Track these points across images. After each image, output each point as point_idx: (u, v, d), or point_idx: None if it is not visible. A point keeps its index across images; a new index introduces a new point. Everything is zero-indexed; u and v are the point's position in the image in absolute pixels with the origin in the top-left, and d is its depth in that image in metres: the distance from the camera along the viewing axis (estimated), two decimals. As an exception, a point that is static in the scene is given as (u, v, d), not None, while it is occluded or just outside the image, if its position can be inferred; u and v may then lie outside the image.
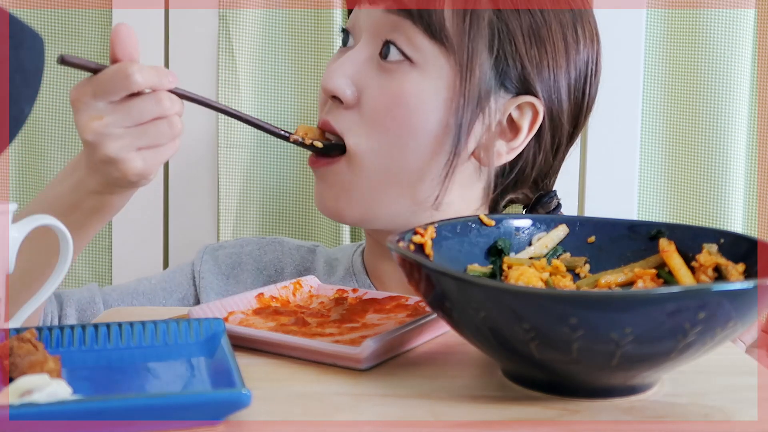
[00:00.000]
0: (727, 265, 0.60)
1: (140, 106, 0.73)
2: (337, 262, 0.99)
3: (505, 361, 0.56)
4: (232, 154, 1.14)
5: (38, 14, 1.14)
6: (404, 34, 0.83)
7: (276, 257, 1.01)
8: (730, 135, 1.09)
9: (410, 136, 0.84)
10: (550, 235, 0.68)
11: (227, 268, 0.99)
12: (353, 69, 0.85)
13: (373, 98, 0.84)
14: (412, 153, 0.84)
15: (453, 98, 0.83)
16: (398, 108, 0.83)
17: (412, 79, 0.83)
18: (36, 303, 0.66)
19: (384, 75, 0.84)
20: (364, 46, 0.86)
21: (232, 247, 1.02)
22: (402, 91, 0.83)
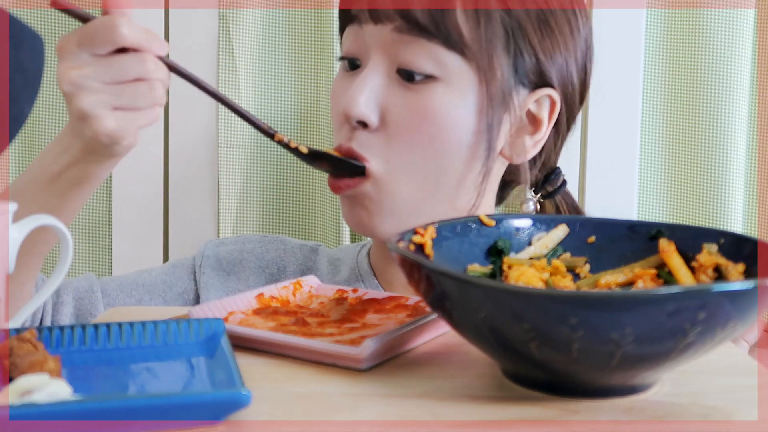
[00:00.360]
0: (727, 265, 0.60)
1: (122, 63, 0.71)
2: (341, 263, 0.99)
3: (505, 361, 0.56)
4: (232, 154, 1.14)
5: (38, 14, 1.14)
6: (422, 51, 0.81)
7: (278, 255, 1.00)
8: (730, 135, 1.09)
9: (444, 149, 0.83)
10: (550, 236, 0.68)
11: (228, 264, 0.99)
12: (375, 92, 0.83)
13: (400, 118, 0.82)
14: (448, 165, 0.84)
15: (480, 104, 0.83)
16: (429, 124, 0.82)
17: (438, 93, 0.82)
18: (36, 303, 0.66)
19: (408, 93, 0.83)
20: (377, 66, 0.83)
21: (233, 243, 1.01)
22: (430, 107, 0.82)
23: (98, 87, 0.71)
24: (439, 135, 0.83)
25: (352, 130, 0.84)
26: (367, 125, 0.83)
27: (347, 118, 0.83)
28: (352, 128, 0.84)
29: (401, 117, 0.82)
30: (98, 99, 0.71)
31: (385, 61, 0.83)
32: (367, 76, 0.83)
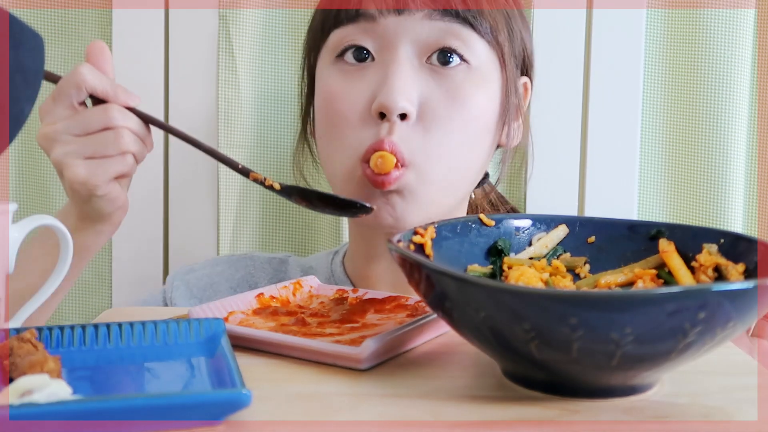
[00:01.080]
0: (727, 265, 0.60)
1: (88, 114, 0.76)
2: (313, 271, 0.99)
3: (505, 361, 0.56)
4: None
5: (38, 14, 1.14)
6: (460, 38, 0.83)
7: (248, 273, 1.01)
8: (730, 135, 1.09)
9: (476, 136, 0.85)
10: (550, 236, 0.68)
11: (199, 290, 0.99)
12: (411, 82, 0.82)
13: (437, 107, 0.82)
14: (477, 151, 0.86)
15: (501, 91, 0.86)
16: (465, 112, 0.83)
17: (472, 80, 0.84)
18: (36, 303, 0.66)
19: (443, 81, 0.83)
20: (407, 56, 0.83)
21: (202, 268, 1.02)
22: (466, 94, 0.83)
23: (68, 139, 0.76)
24: (471, 122, 0.84)
25: (390, 125, 0.81)
26: (407, 117, 0.81)
27: (388, 112, 0.81)
28: (388, 123, 0.81)
29: (437, 105, 0.83)
30: (68, 150, 0.76)
31: (414, 51, 0.83)
32: (400, 66, 0.82)
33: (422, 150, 0.82)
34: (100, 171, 0.76)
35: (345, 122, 0.84)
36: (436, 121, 0.82)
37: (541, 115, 1.11)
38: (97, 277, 1.18)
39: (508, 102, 0.87)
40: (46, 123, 0.77)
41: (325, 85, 0.87)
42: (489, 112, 0.85)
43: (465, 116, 0.83)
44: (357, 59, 0.85)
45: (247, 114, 1.14)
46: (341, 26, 0.85)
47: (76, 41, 1.15)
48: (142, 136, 0.78)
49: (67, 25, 1.15)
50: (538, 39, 1.10)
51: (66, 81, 0.76)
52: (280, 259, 1.03)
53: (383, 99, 0.80)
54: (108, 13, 1.14)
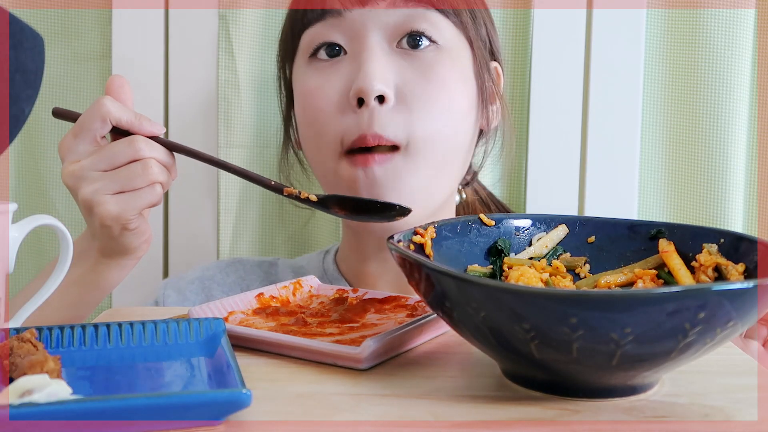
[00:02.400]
0: (727, 265, 0.60)
1: (113, 148, 0.74)
2: (304, 270, 0.99)
3: (505, 361, 0.56)
4: (232, 154, 1.14)
5: (38, 14, 1.14)
6: (427, 20, 0.84)
7: (239, 276, 1.01)
8: (730, 135, 1.09)
9: (458, 116, 0.86)
10: (550, 235, 0.68)
11: (193, 294, 0.99)
12: (385, 67, 0.83)
13: (414, 89, 0.83)
14: (461, 131, 0.87)
15: (474, 72, 0.88)
16: (443, 90, 0.84)
17: (443, 60, 0.85)
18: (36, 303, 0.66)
19: (417, 64, 0.84)
20: (377, 43, 0.84)
21: (192, 273, 1.02)
22: (440, 73, 0.84)
23: (96, 176, 0.74)
24: (450, 102, 0.85)
25: (368, 112, 0.82)
26: (385, 100, 0.82)
27: (365, 95, 0.81)
28: (366, 110, 0.82)
29: (414, 87, 0.83)
30: (97, 187, 0.73)
31: (382, 38, 0.85)
32: (372, 52, 0.83)
33: (410, 132, 0.83)
34: (130, 205, 0.74)
35: (323, 116, 0.85)
36: (416, 101, 0.83)
37: (541, 114, 1.11)
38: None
39: (483, 82, 0.88)
40: (70, 161, 0.75)
41: (302, 86, 0.88)
42: (465, 92, 0.87)
43: (444, 94, 0.84)
44: (329, 55, 0.86)
45: (247, 114, 1.14)
46: (310, 26, 0.87)
47: (76, 41, 1.15)
48: (168, 165, 0.77)
49: (67, 25, 1.15)
50: (538, 39, 1.10)
51: (89, 115, 0.74)
52: (270, 262, 1.03)
53: (359, 83, 0.81)
54: (108, 13, 1.14)
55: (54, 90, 1.16)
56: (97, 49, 1.15)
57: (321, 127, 0.86)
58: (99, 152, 0.74)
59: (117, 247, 0.78)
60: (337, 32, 0.85)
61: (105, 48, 1.15)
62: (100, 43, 1.15)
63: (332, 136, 0.85)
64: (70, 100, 1.16)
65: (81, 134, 0.75)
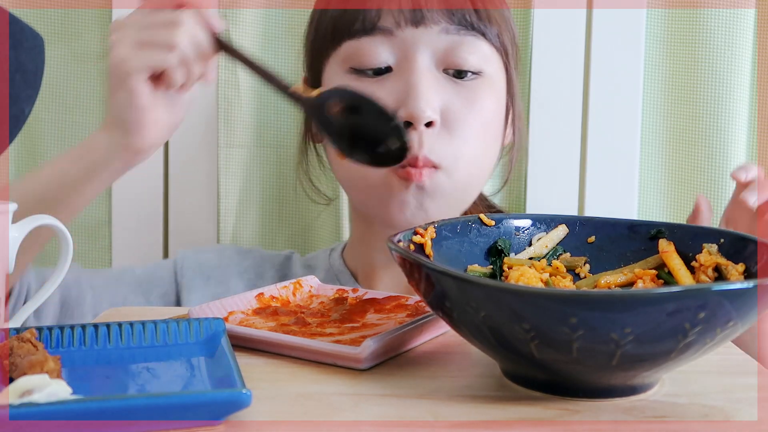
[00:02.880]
0: (727, 265, 0.60)
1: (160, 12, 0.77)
2: (314, 267, 1.00)
3: (505, 361, 0.56)
4: (232, 154, 1.14)
5: (38, 14, 1.14)
6: (471, 50, 0.86)
7: (256, 262, 1.02)
8: (730, 135, 1.09)
9: (491, 141, 0.89)
10: (550, 236, 0.68)
11: (209, 269, 1.00)
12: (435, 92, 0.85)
13: (457, 115, 0.86)
14: (491, 156, 0.90)
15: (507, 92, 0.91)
16: (481, 118, 0.87)
17: (484, 88, 0.87)
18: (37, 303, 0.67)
19: (460, 89, 0.86)
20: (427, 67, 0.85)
21: (211, 251, 1.04)
22: (481, 103, 0.87)
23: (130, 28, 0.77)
24: (487, 128, 0.88)
25: (418, 135, 0.83)
26: (432, 124, 0.84)
27: (415, 120, 0.82)
28: (417, 133, 0.83)
29: (458, 113, 0.86)
30: (123, 35, 0.77)
31: (432, 63, 0.86)
32: (422, 77, 0.84)
33: (449, 155, 0.85)
34: (139, 55, 0.76)
35: None
36: (458, 127, 0.86)
37: (541, 115, 1.11)
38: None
39: (512, 102, 0.91)
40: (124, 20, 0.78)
41: None
42: (498, 114, 0.90)
43: (480, 120, 0.87)
44: (376, 74, 0.86)
45: (247, 114, 1.14)
46: (355, 37, 0.85)
47: (76, 41, 1.15)
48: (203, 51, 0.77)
49: (67, 25, 1.15)
50: (538, 39, 1.10)
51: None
52: (285, 256, 1.05)
53: (411, 108, 0.82)
54: (108, 13, 1.14)
55: (54, 90, 1.16)
56: (97, 49, 1.15)
57: None
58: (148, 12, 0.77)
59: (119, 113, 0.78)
60: (386, 50, 0.85)
61: (105, 48, 1.14)
62: (100, 43, 1.15)
63: None
64: (70, 100, 1.16)
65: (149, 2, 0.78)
